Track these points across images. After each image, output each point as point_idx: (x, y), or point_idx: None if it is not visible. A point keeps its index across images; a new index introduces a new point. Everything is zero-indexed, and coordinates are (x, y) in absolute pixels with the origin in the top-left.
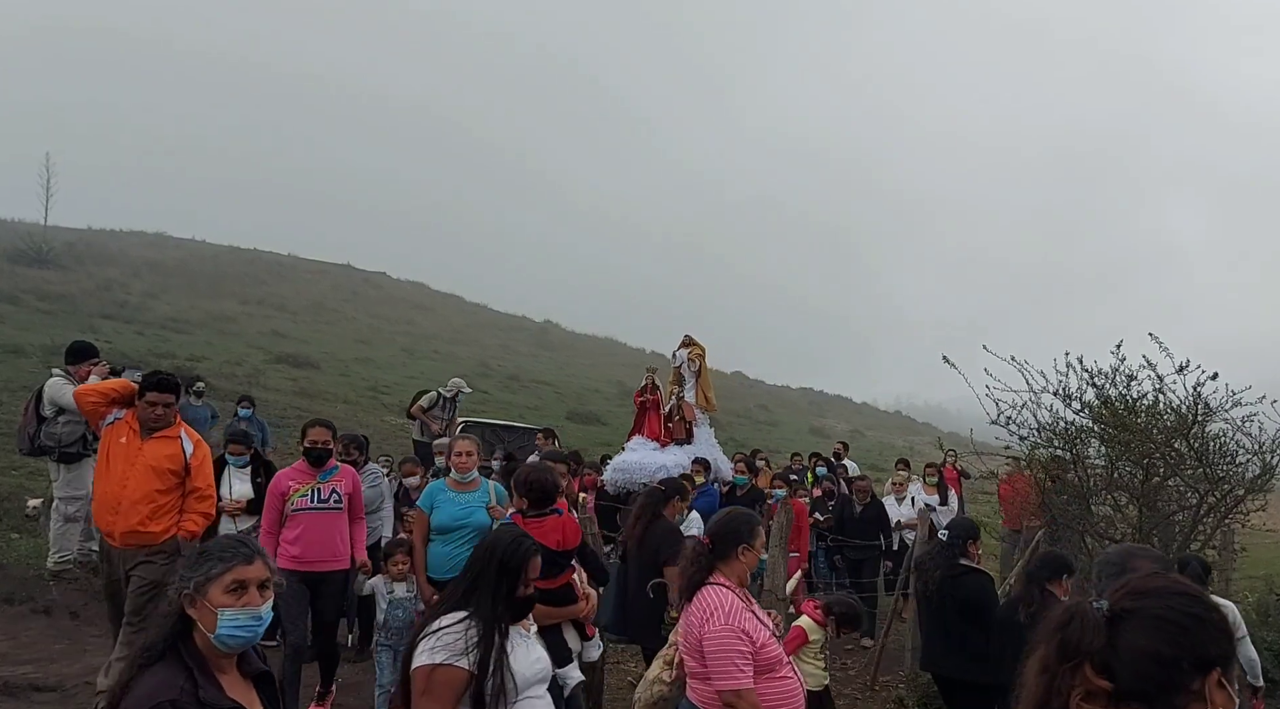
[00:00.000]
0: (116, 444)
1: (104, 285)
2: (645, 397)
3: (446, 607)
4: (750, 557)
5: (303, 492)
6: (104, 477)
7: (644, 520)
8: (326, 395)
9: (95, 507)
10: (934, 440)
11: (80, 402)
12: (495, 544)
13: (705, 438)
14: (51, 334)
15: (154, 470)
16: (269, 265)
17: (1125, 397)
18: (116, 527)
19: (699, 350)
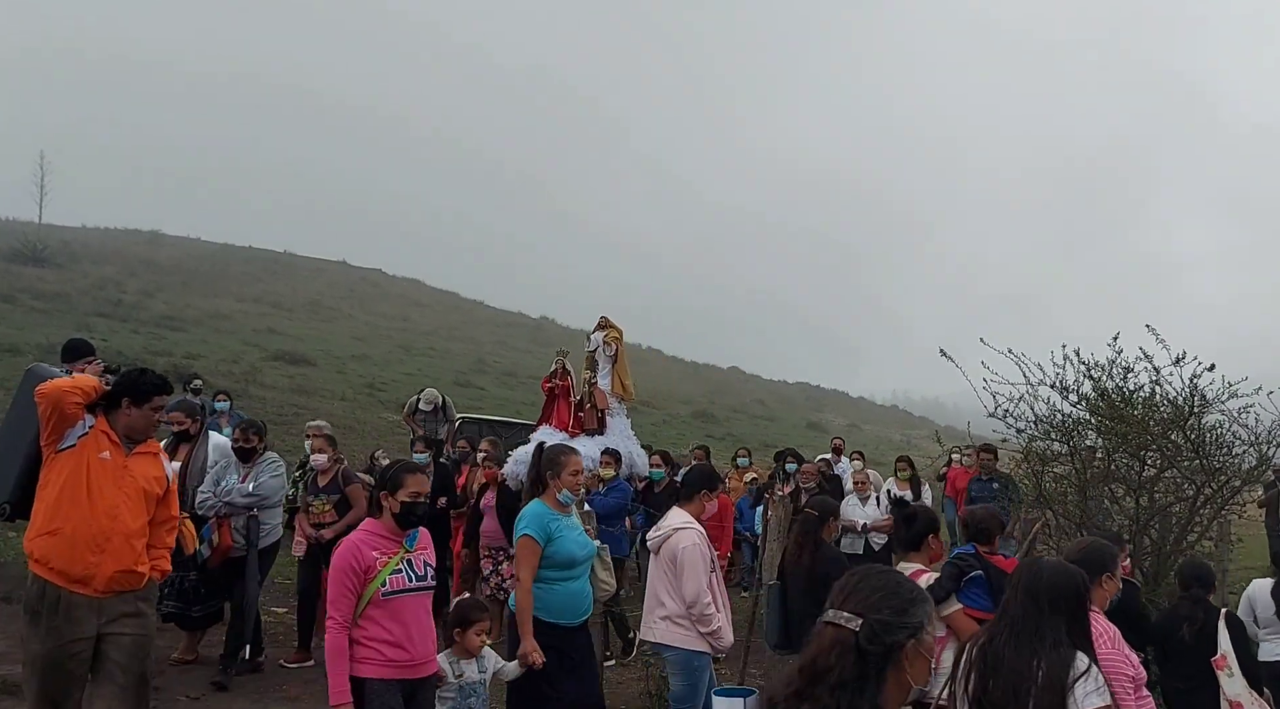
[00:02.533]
0: (98, 462)
1: (99, 284)
2: (554, 383)
3: None
4: (1111, 585)
5: (393, 566)
6: (81, 504)
7: (808, 549)
8: (323, 393)
9: (58, 545)
10: (930, 434)
11: (60, 400)
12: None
13: (620, 429)
14: (47, 333)
15: (145, 496)
16: (265, 263)
17: (1122, 389)
18: (102, 569)
19: (616, 333)
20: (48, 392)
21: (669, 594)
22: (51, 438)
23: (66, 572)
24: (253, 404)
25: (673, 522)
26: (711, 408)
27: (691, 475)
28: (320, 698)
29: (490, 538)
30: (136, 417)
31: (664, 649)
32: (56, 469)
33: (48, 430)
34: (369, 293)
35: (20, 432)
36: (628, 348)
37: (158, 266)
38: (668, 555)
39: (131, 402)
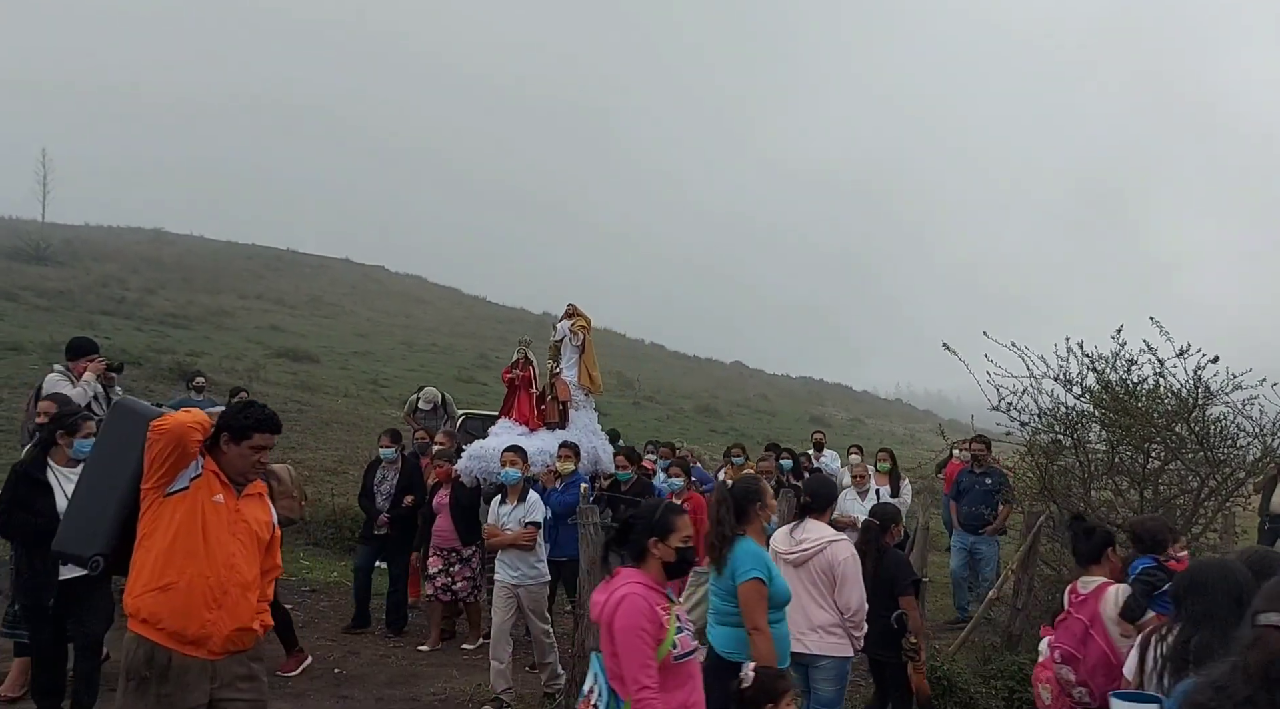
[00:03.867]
0: (212, 507)
1: (102, 281)
2: (515, 373)
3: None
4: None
5: (675, 624)
6: (198, 555)
7: (871, 555)
8: (326, 389)
9: (170, 602)
10: (934, 428)
11: (184, 438)
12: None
13: (584, 423)
14: (50, 331)
15: (259, 543)
16: (267, 260)
17: (1126, 381)
18: (219, 627)
19: (584, 322)
20: (171, 428)
21: (820, 605)
22: (163, 480)
23: (180, 632)
24: (257, 402)
25: (822, 534)
26: (714, 403)
27: (822, 489)
28: (326, 693)
29: (442, 538)
30: (234, 455)
31: (817, 659)
32: (166, 515)
33: (161, 472)
34: (371, 289)
35: (110, 475)
36: (629, 342)
37: (161, 264)
38: (821, 567)
39: (231, 438)
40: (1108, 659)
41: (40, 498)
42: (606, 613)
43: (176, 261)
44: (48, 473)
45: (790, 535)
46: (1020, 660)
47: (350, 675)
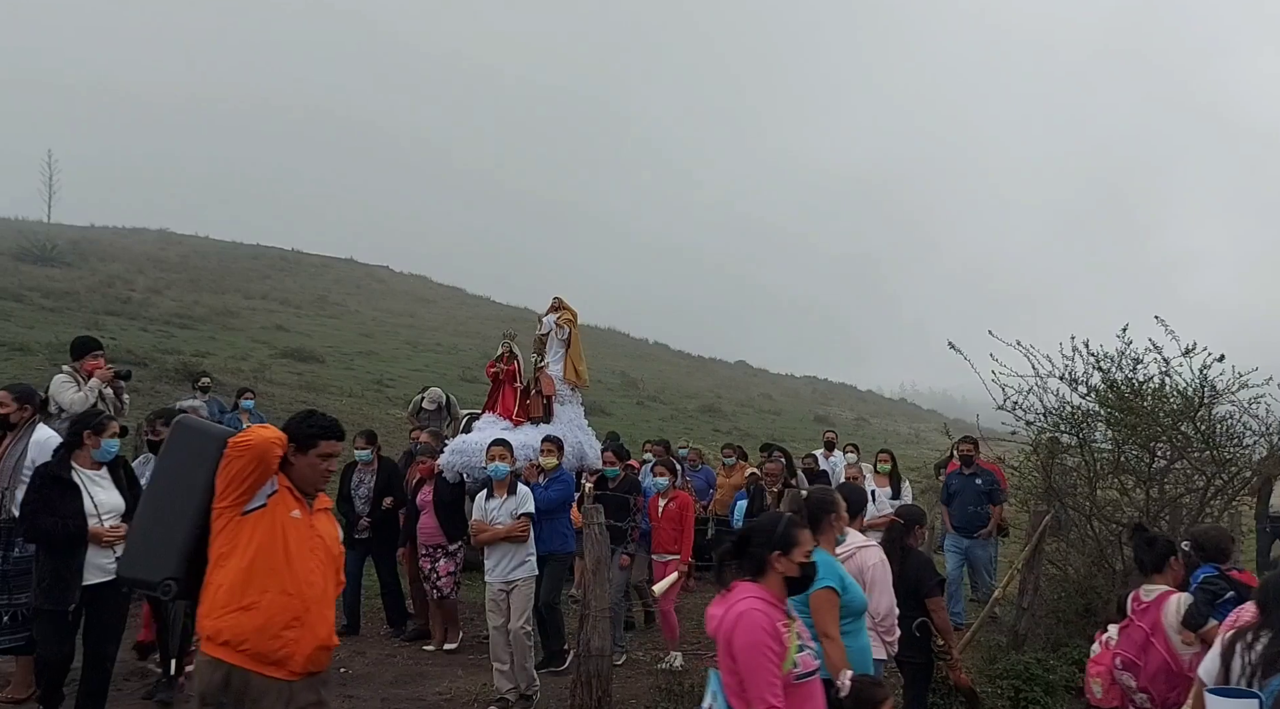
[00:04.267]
0: (291, 523)
1: (108, 282)
2: (499, 367)
3: None
4: None
5: (797, 642)
6: (280, 573)
7: (896, 556)
8: (331, 389)
9: (252, 622)
10: (939, 427)
11: (267, 453)
12: None
13: (570, 418)
14: (56, 331)
15: (332, 558)
16: (272, 260)
17: (1131, 380)
18: (300, 646)
19: (570, 315)
20: (255, 444)
21: None
22: (242, 498)
23: (262, 653)
24: (262, 402)
25: (853, 540)
26: (718, 402)
27: (853, 496)
28: (331, 692)
29: (427, 536)
30: (303, 465)
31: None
32: (245, 534)
33: (241, 489)
34: (376, 289)
35: (177, 495)
36: (633, 342)
37: (166, 265)
38: (852, 571)
39: (297, 448)
40: (1168, 666)
41: (66, 499)
42: (725, 628)
43: (182, 262)
44: (73, 473)
45: None
46: (1026, 660)
47: (356, 675)
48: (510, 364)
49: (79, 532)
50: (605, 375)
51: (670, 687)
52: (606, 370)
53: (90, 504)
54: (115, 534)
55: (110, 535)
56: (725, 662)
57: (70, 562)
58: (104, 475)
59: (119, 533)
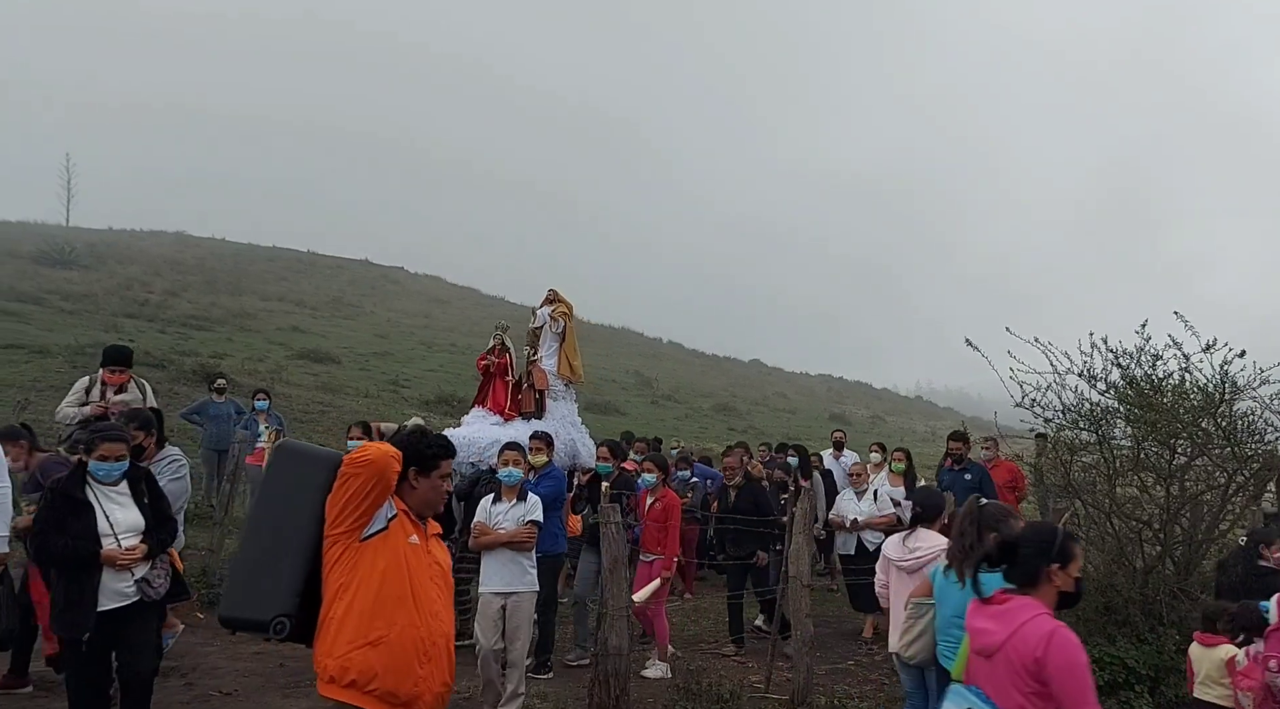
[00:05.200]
0: (411, 550)
1: (125, 284)
2: (490, 359)
3: None
4: None
5: None
6: (407, 604)
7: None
8: (347, 390)
9: (383, 658)
10: (956, 425)
11: (388, 470)
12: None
13: (563, 413)
14: (75, 334)
15: (450, 588)
16: (288, 262)
17: (1151, 377)
18: (430, 684)
19: (565, 308)
20: (375, 458)
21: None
22: (360, 522)
23: (393, 691)
24: (279, 403)
25: (934, 542)
26: (733, 401)
27: (929, 500)
28: None
29: None
30: (426, 488)
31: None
32: (367, 561)
33: (359, 512)
34: (391, 290)
35: (283, 524)
36: (647, 341)
37: (183, 267)
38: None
39: (419, 470)
40: None
41: (78, 518)
42: (1026, 647)
43: (199, 264)
44: (87, 491)
45: (904, 544)
46: None
47: None
48: (502, 357)
49: (91, 553)
50: (620, 375)
51: (689, 685)
52: (621, 370)
53: (105, 523)
54: (131, 556)
55: (125, 557)
56: (1000, 678)
57: (83, 586)
58: (122, 491)
59: (135, 555)
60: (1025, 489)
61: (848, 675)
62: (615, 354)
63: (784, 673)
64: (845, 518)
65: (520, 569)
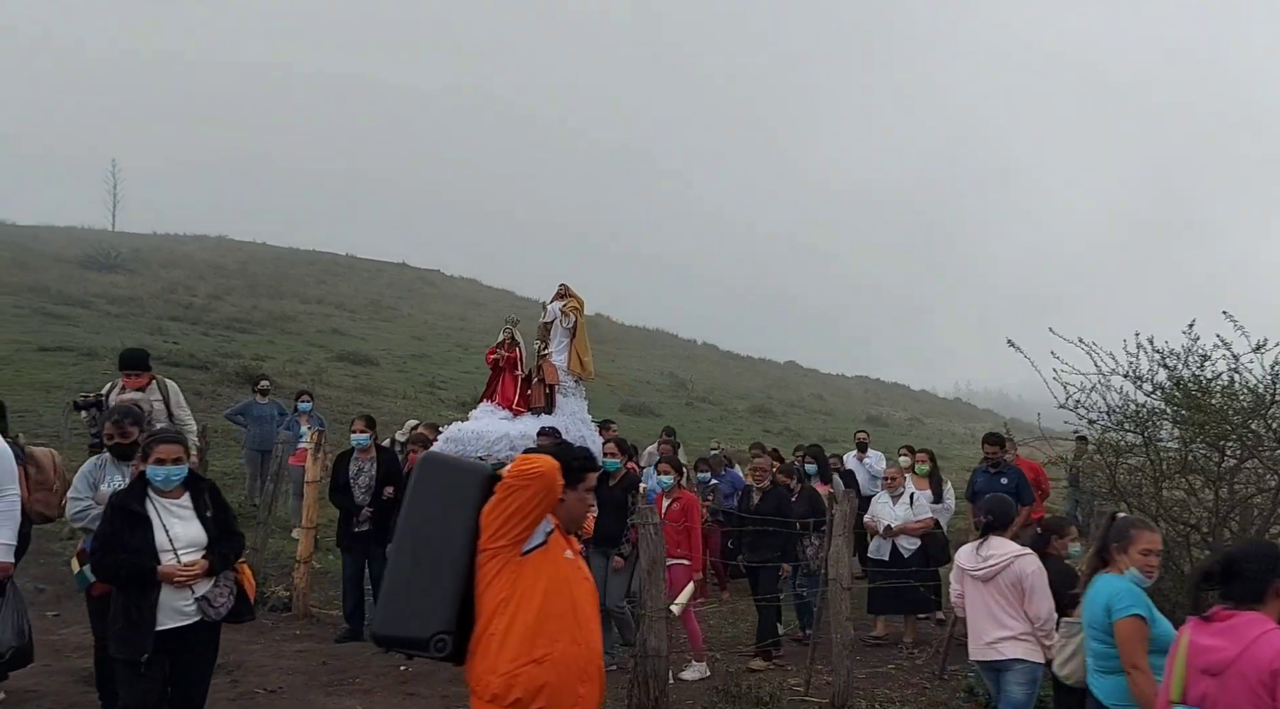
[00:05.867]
0: (569, 565)
1: (170, 288)
2: (500, 354)
3: None
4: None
5: None
6: (568, 619)
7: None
8: (386, 391)
9: (548, 676)
10: (995, 426)
11: (555, 483)
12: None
13: (573, 409)
14: (121, 337)
15: (597, 604)
16: (327, 266)
17: (1199, 377)
18: (590, 705)
19: (576, 303)
20: (545, 471)
21: (1010, 614)
22: (523, 535)
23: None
24: (319, 404)
25: (1007, 550)
26: (768, 403)
27: (1000, 507)
28: (393, 690)
29: None
30: (573, 501)
31: (1013, 664)
32: (528, 576)
33: (525, 525)
34: (428, 293)
35: (436, 538)
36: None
37: (225, 270)
38: (1009, 580)
39: (565, 483)
40: None
41: (135, 532)
42: (1262, 662)
43: (241, 268)
44: (146, 504)
45: (976, 552)
46: None
47: (415, 673)
48: (512, 351)
49: (148, 570)
50: (654, 376)
51: (728, 688)
52: (655, 371)
53: (164, 537)
54: (189, 572)
55: (183, 574)
56: (1257, 698)
57: (142, 604)
58: (183, 503)
59: (193, 571)
60: (1049, 487)
61: (889, 679)
62: (650, 356)
63: (823, 676)
64: (879, 523)
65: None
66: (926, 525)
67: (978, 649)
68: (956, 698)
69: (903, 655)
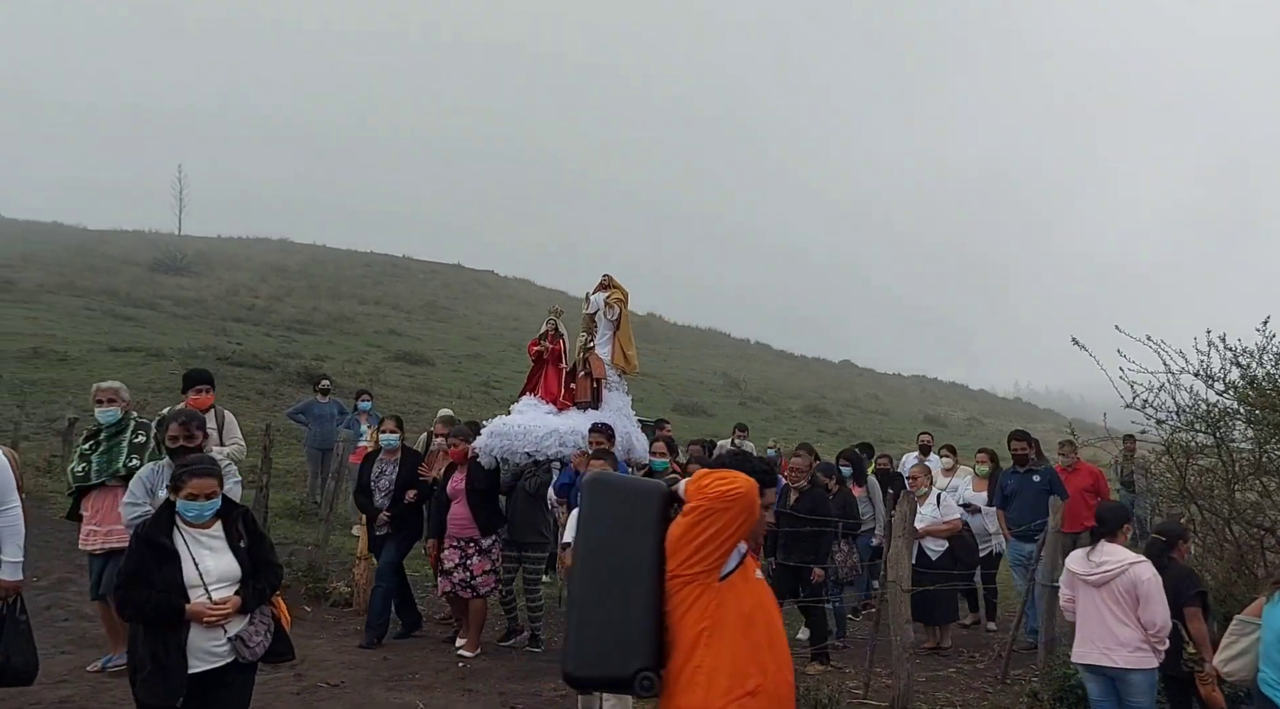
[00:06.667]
0: (762, 588)
1: (233, 290)
2: (543, 345)
3: None
4: None
5: None
6: (777, 650)
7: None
8: (441, 391)
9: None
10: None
11: (755, 501)
12: None
13: (618, 404)
14: (187, 338)
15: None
16: (384, 267)
17: (1273, 376)
18: None
19: (620, 294)
20: (746, 492)
21: (1124, 622)
22: (721, 559)
23: None
24: (377, 403)
25: (1122, 557)
26: (823, 402)
27: (1110, 514)
28: (452, 686)
29: (459, 527)
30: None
31: (1130, 673)
32: (730, 602)
33: (724, 549)
34: (482, 293)
35: (618, 566)
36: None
37: (286, 272)
38: (1124, 586)
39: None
40: None
41: (163, 567)
42: None
43: (301, 270)
44: (174, 536)
45: (1088, 558)
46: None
47: (474, 669)
48: (556, 343)
49: (176, 608)
50: (707, 376)
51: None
52: (709, 371)
53: (193, 571)
54: (220, 611)
55: (214, 613)
56: None
57: (170, 645)
58: (215, 533)
59: (226, 610)
60: (1109, 494)
61: (949, 683)
62: (703, 356)
63: (882, 679)
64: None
65: None
66: (954, 527)
67: (1088, 653)
68: (1019, 704)
69: (963, 659)
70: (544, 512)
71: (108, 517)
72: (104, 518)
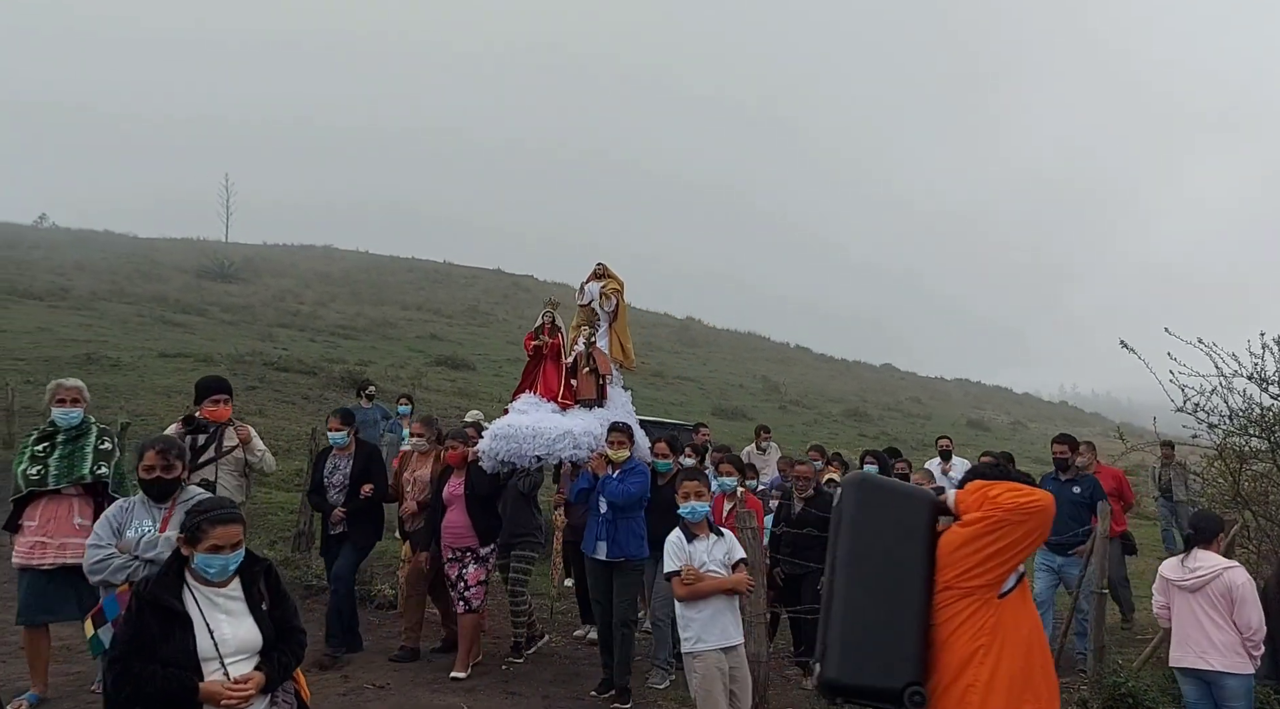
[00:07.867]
0: (1035, 610)
1: (279, 296)
2: (541, 340)
3: None
4: None
5: None
6: (1047, 675)
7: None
8: (482, 395)
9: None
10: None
11: (1049, 517)
12: None
13: (620, 401)
14: (235, 343)
15: None
16: (426, 273)
17: None
18: None
19: (616, 284)
20: (1047, 506)
21: (1220, 625)
22: (1004, 575)
23: None
24: (420, 408)
25: (1215, 562)
26: (864, 406)
27: (1203, 522)
28: (495, 689)
29: (455, 535)
30: None
31: (1223, 678)
32: (1009, 621)
33: (1009, 565)
34: (521, 298)
35: (886, 573)
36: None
37: (331, 279)
38: (1219, 590)
39: None
40: None
41: (171, 635)
42: None
43: (345, 277)
44: (185, 594)
45: (1182, 564)
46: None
47: (516, 673)
48: (554, 337)
49: (187, 689)
50: (746, 380)
51: None
52: (747, 374)
53: (207, 641)
54: (241, 692)
55: (234, 695)
56: None
57: None
58: (233, 594)
59: (248, 690)
60: (1132, 497)
61: None
62: (742, 359)
63: None
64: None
65: (736, 617)
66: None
67: (1184, 656)
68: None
69: None
70: (535, 512)
71: (61, 527)
72: (56, 529)
